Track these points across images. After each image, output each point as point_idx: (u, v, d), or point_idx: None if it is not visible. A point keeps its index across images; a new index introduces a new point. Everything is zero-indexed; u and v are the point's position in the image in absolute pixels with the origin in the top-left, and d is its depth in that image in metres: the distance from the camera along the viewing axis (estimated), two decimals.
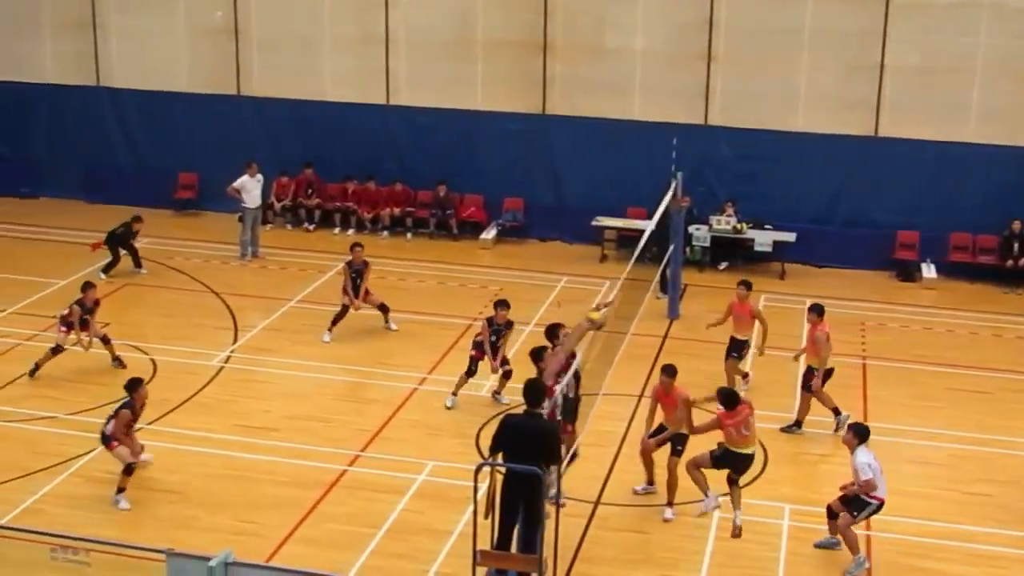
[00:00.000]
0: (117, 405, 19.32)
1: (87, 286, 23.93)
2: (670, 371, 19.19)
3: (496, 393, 22.98)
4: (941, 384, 24.35)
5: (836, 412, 21.84)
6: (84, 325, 23.52)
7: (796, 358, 22.83)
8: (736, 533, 18.12)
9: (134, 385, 19.32)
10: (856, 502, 17.58)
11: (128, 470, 19.01)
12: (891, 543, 18.39)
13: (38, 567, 14.27)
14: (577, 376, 18.45)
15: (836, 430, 21.56)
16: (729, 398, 18.18)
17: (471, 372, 22.85)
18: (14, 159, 36.31)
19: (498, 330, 22.89)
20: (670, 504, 18.88)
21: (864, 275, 30.70)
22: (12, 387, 22.91)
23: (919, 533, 18.67)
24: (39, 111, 35.84)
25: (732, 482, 18.29)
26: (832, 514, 17.87)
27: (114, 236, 29.13)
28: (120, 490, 18.93)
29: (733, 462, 18.22)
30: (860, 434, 17.64)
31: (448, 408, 22.49)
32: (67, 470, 19.83)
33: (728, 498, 18.34)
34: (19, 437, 20.91)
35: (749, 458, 18.33)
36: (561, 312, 23.85)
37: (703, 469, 18.32)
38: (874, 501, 17.49)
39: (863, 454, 17.43)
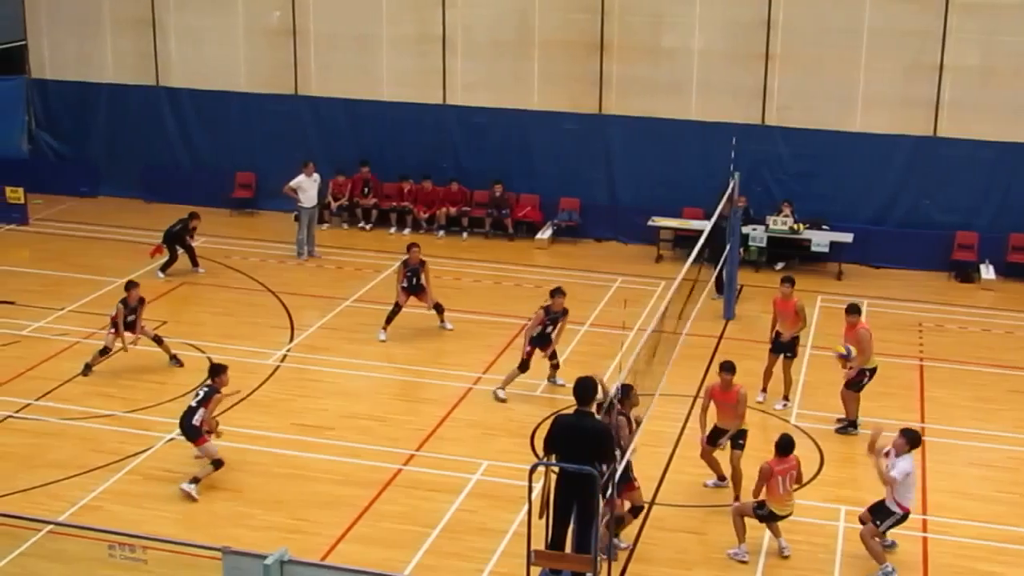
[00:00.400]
0: (200, 396, 19.51)
1: (130, 285, 24.03)
2: (730, 368, 19.16)
3: (551, 377, 23.31)
4: (1001, 386, 24.13)
5: (853, 423, 21.77)
6: (130, 326, 23.63)
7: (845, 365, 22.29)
8: (785, 555, 17.93)
9: (218, 371, 19.73)
10: (881, 511, 17.39)
11: (217, 465, 19.35)
12: (949, 545, 18.28)
13: (96, 564, 14.41)
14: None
15: (839, 431, 21.72)
16: (783, 445, 17.64)
17: (524, 367, 22.87)
18: (75, 158, 36.65)
19: (555, 318, 22.96)
20: (737, 498, 18.84)
21: (921, 276, 30.47)
22: (71, 385, 23.10)
23: (978, 536, 18.53)
24: (99, 110, 36.17)
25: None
26: (863, 522, 17.72)
27: (171, 234, 29.30)
28: (195, 480, 19.20)
29: (780, 519, 17.84)
30: (912, 441, 17.34)
31: (501, 400, 22.50)
32: (125, 468, 19.98)
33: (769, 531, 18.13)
34: (78, 434, 21.09)
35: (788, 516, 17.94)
36: (626, 313, 23.79)
37: (746, 518, 17.90)
38: (899, 511, 17.29)
39: (906, 461, 17.19)
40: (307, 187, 30.69)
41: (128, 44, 35.76)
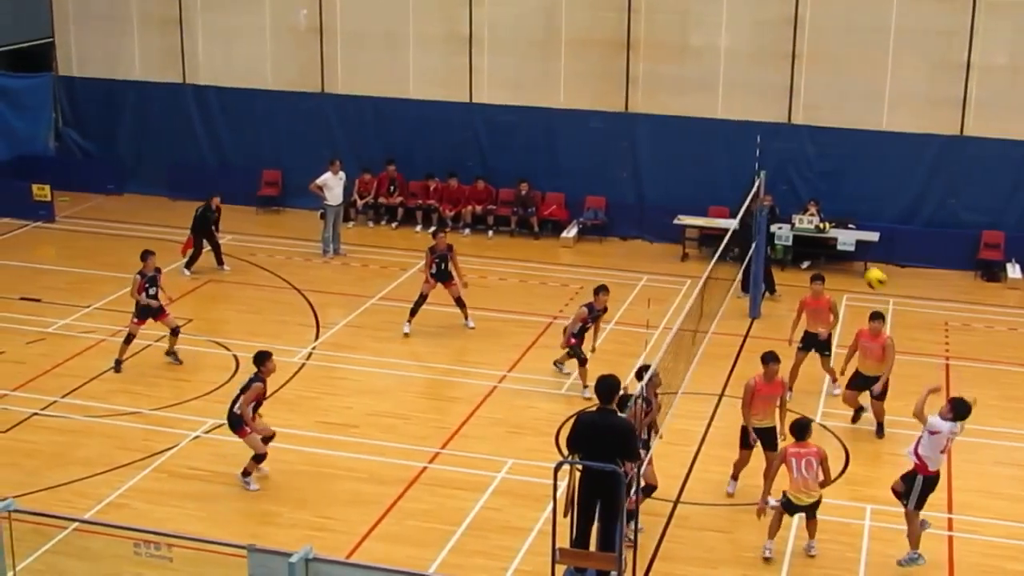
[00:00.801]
0: (243, 384, 19.55)
1: (146, 254, 24.00)
2: (775, 358, 19.04)
3: (558, 362, 23.64)
4: None
5: (857, 416, 21.82)
6: (153, 299, 23.69)
7: (845, 365, 22.14)
8: (811, 554, 17.83)
9: (263, 358, 19.51)
10: (906, 480, 17.33)
11: (259, 458, 19.44)
12: (976, 544, 18.24)
13: (121, 561, 14.42)
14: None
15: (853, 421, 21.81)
16: (800, 428, 17.45)
17: (582, 360, 22.83)
18: (101, 156, 36.79)
19: (597, 315, 22.96)
20: (767, 493, 18.66)
21: (948, 275, 30.36)
22: (97, 382, 23.19)
23: (1006, 535, 18.48)
24: (126, 108, 36.32)
25: (809, 518, 17.81)
26: (895, 492, 17.68)
27: (196, 221, 29.36)
28: (247, 473, 19.41)
29: (800, 510, 17.64)
30: (957, 411, 17.14)
31: (587, 399, 22.28)
32: (151, 465, 20.06)
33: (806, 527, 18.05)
34: (104, 432, 21.16)
35: (814, 506, 17.61)
36: (650, 312, 23.79)
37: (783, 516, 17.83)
38: (920, 475, 17.14)
39: (946, 424, 17.02)
40: (333, 185, 30.74)
41: (155, 42, 35.89)
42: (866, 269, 25.81)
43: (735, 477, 19.61)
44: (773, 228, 29.23)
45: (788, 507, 17.57)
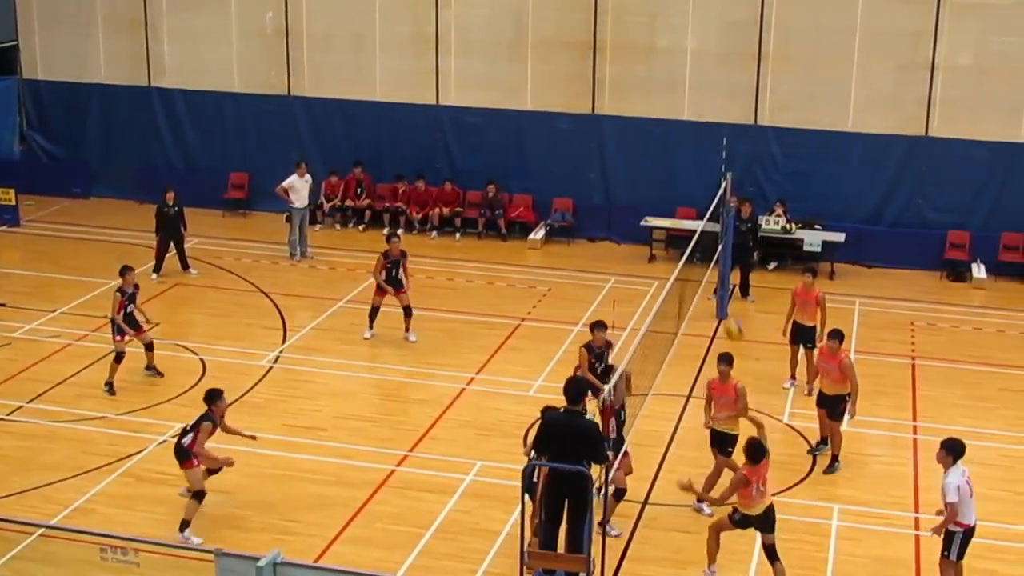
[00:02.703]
0: (193, 422, 18.56)
1: (125, 270, 23.33)
2: (726, 360, 18.99)
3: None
4: (993, 384, 24.17)
5: (825, 441, 20.95)
6: (130, 317, 23.09)
7: (809, 392, 22.04)
8: None
9: (213, 397, 18.46)
10: (944, 538, 16.53)
11: (199, 496, 18.11)
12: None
13: (88, 566, 14.38)
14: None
15: (811, 451, 21.08)
16: (756, 451, 16.91)
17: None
18: (67, 159, 36.62)
19: (600, 354, 20.65)
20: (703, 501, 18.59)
21: (914, 275, 30.48)
22: (64, 387, 23.06)
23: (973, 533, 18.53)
24: (91, 111, 36.14)
25: (770, 556, 17.05)
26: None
27: (157, 221, 29.23)
28: (185, 524, 17.94)
29: (754, 522, 17.11)
30: (954, 451, 16.46)
31: None
32: (118, 470, 19.96)
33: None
34: (71, 437, 21.06)
35: (768, 513, 17.09)
36: (615, 313, 23.84)
37: (723, 533, 17.33)
38: (959, 529, 16.40)
39: (954, 474, 16.31)
40: (299, 188, 30.66)
41: (121, 44, 35.72)
42: (726, 321, 25.53)
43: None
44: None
45: (743, 522, 17.15)
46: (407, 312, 25.59)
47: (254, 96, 34.89)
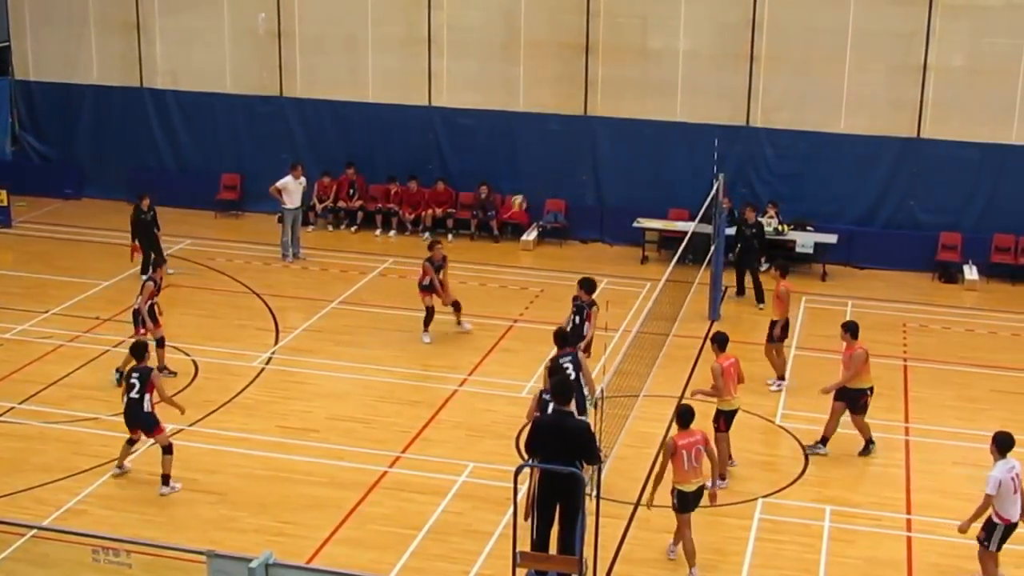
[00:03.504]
0: (137, 385, 19.50)
1: (160, 262, 24.40)
2: (721, 340, 20.00)
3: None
4: (984, 385, 24.20)
5: (825, 441, 21.12)
6: (151, 311, 23.32)
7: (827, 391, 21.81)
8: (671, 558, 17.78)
9: (142, 348, 19.88)
10: (987, 526, 16.82)
11: (169, 450, 19.39)
12: (934, 544, 18.33)
13: (80, 568, 14.38)
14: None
15: (807, 450, 21.18)
16: (682, 415, 17.31)
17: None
18: (59, 160, 36.57)
19: (580, 306, 22.81)
20: (721, 477, 19.00)
21: (906, 276, 30.52)
22: (55, 388, 23.04)
23: (965, 535, 18.52)
24: (84, 112, 36.11)
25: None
26: (980, 541, 17.10)
27: (134, 226, 29.09)
28: (166, 478, 19.34)
29: (692, 500, 17.36)
30: (1001, 445, 16.71)
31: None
32: (110, 471, 19.93)
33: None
34: (62, 438, 21.04)
35: (699, 494, 17.45)
36: (608, 314, 23.84)
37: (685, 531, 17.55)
38: (1000, 522, 16.65)
39: (1000, 468, 16.57)
40: (292, 189, 30.65)
41: (113, 45, 35.72)
42: None
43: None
44: (731, 231, 29.36)
45: (682, 502, 17.29)
46: (457, 307, 26.07)
47: (246, 97, 34.88)
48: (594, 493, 16.03)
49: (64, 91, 36.12)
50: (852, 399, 20.81)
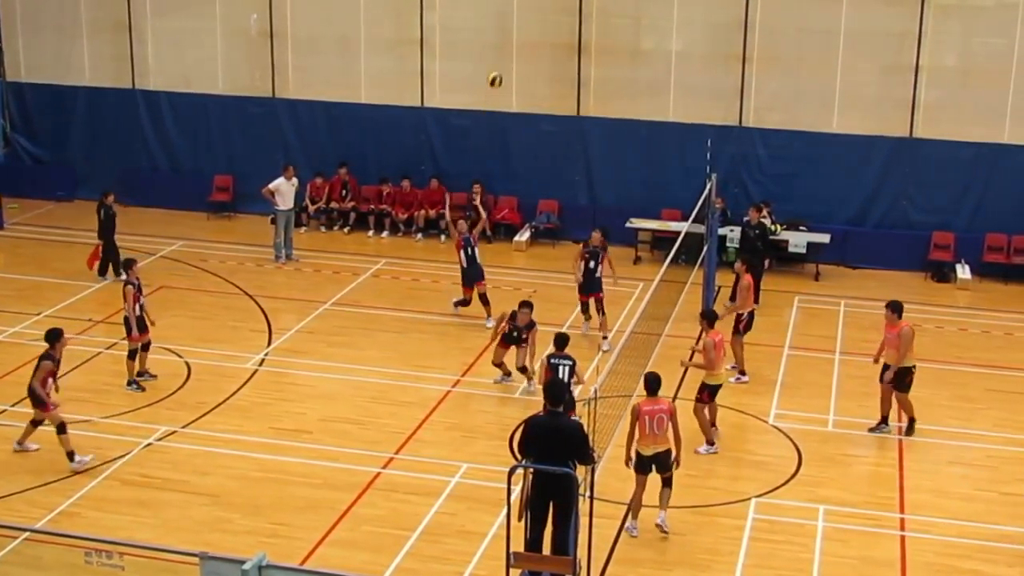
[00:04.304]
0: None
1: (131, 262, 23.78)
2: (711, 315, 21.11)
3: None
4: (978, 385, 24.21)
5: (886, 421, 21.78)
6: (139, 319, 23.23)
7: (877, 360, 22.12)
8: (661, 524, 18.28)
9: (55, 336, 20.33)
10: None
11: (63, 428, 19.97)
12: (929, 543, 18.33)
13: (73, 570, 14.32)
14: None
15: (872, 430, 21.72)
16: (648, 383, 18.10)
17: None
18: (51, 162, 36.50)
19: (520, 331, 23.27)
20: (710, 443, 20.59)
21: (898, 276, 30.54)
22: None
23: (959, 534, 18.57)
24: (76, 114, 36.04)
25: (665, 483, 18.25)
26: None
27: (102, 224, 29.05)
28: (71, 454, 19.95)
29: (647, 463, 18.05)
30: None
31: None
32: (102, 473, 19.90)
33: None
34: (55, 441, 20.89)
35: (659, 457, 18.01)
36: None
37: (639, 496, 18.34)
38: None
39: None
40: (285, 190, 30.61)
41: (105, 47, 35.65)
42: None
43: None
44: (724, 231, 29.39)
45: (639, 463, 17.98)
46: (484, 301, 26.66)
47: (239, 98, 34.84)
48: (587, 493, 16.02)
49: (56, 92, 36.04)
50: (899, 377, 21.36)
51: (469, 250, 26.48)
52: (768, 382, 23.87)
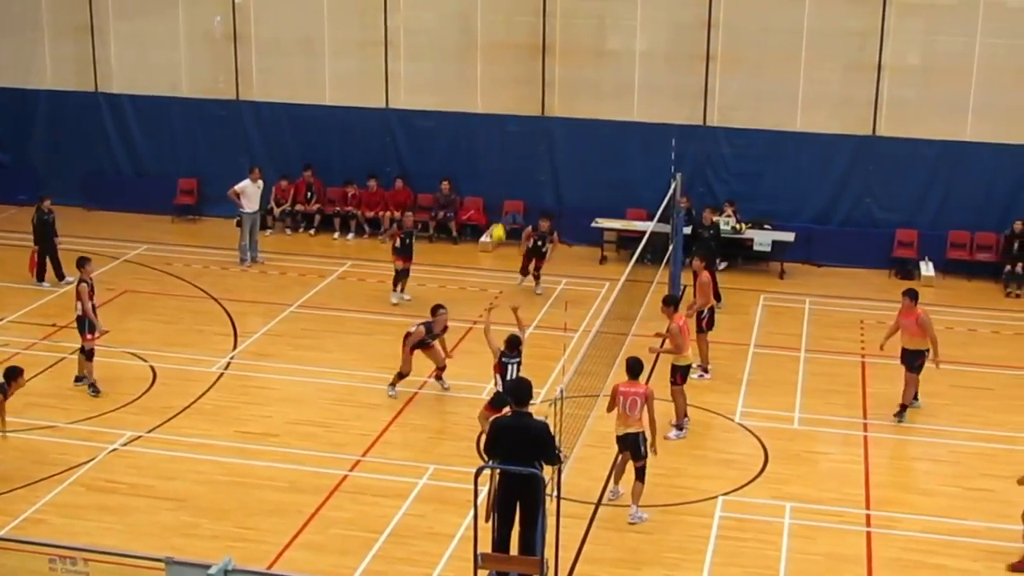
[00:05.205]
0: None
1: (84, 260, 23.39)
2: (673, 300, 21.56)
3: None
4: (942, 381, 24.21)
5: (904, 408, 22.34)
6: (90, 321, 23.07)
7: (885, 341, 22.82)
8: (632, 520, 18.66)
9: (14, 374, 19.84)
10: None
11: None
12: (895, 540, 18.41)
13: None
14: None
15: (898, 419, 22.30)
16: (633, 367, 18.63)
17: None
18: (13, 165, 36.29)
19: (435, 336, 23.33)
20: (679, 427, 21.25)
21: (863, 273, 30.66)
22: (12, 397, 22.77)
23: (924, 529, 18.66)
24: (38, 117, 35.82)
25: (638, 476, 18.64)
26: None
27: (36, 229, 28.88)
28: None
29: (619, 444, 18.77)
30: None
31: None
32: (68, 479, 19.80)
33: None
34: (19, 446, 20.82)
35: (629, 439, 18.58)
36: (568, 315, 23.91)
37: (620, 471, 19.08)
38: None
39: None
40: (251, 193, 30.52)
41: (67, 50, 35.45)
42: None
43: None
44: (689, 230, 29.44)
45: (618, 441, 18.77)
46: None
47: (203, 101, 34.71)
48: (554, 493, 16.04)
49: (18, 96, 35.80)
50: (911, 359, 22.10)
51: (407, 240, 27.66)
52: (734, 380, 23.93)
